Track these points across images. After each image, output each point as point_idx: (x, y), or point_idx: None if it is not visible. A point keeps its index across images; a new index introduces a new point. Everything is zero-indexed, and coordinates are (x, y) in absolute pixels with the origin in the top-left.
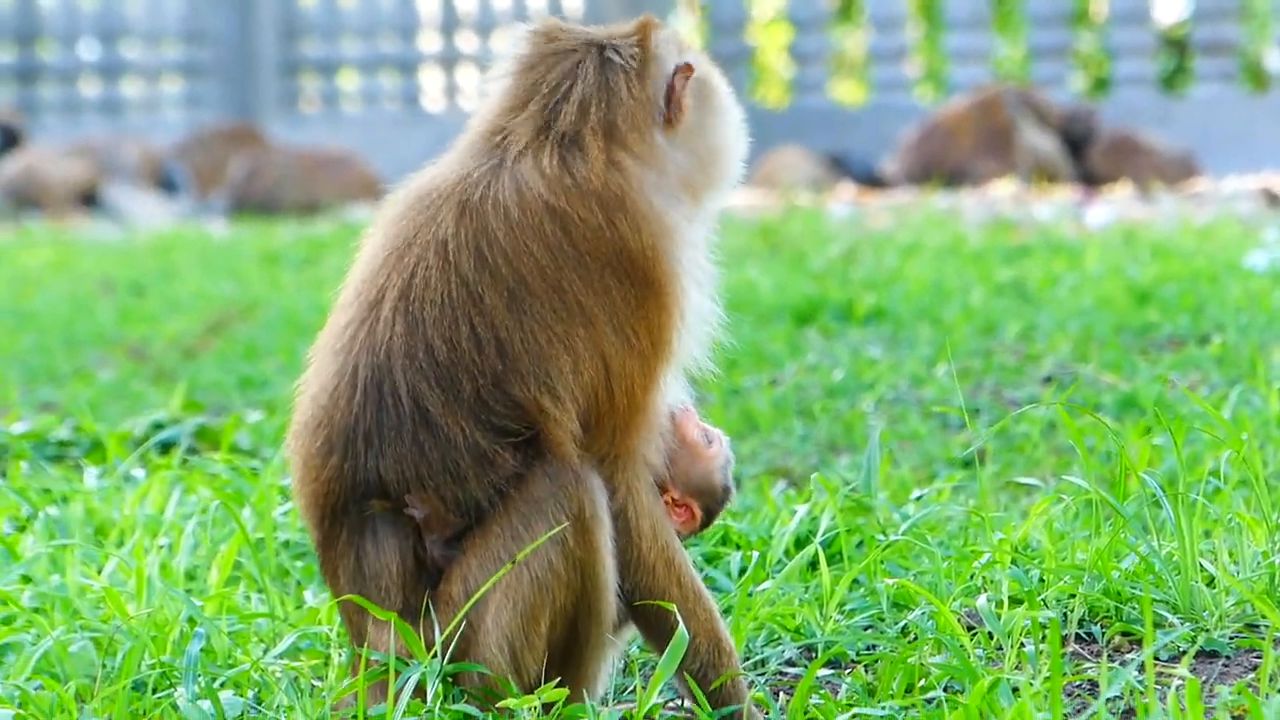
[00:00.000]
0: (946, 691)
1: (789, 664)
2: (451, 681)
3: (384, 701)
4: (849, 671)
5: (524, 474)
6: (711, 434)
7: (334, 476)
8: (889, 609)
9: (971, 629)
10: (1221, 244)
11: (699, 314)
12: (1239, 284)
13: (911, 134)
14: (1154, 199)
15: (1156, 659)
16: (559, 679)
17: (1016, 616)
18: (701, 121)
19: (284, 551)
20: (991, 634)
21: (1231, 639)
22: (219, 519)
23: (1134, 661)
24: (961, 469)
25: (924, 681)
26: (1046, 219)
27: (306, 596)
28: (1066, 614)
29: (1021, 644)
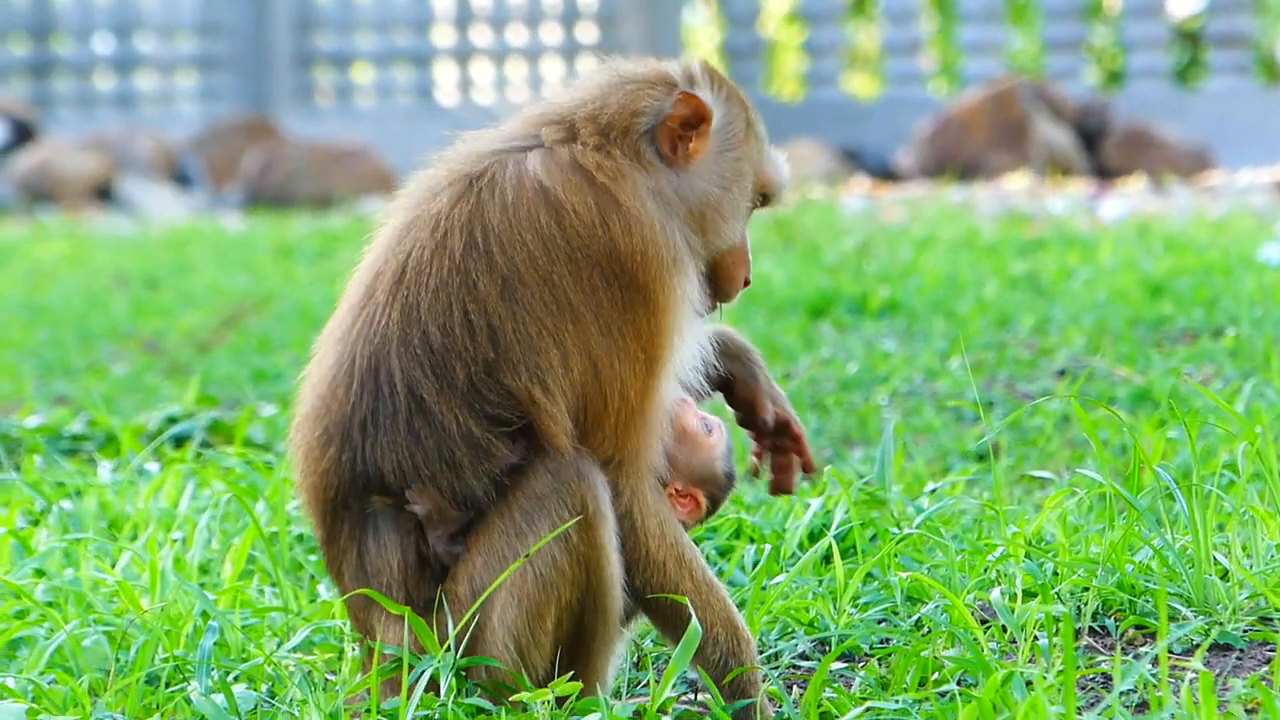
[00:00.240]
0: (960, 685)
1: (802, 657)
2: (465, 676)
3: (395, 696)
4: (862, 665)
5: (525, 469)
6: (710, 423)
7: (332, 468)
8: (903, 602)
9: (985, 622)
10: (1236, 237)
11: (696, 340)
12: (1253, 277)
13: (925, 127)
14: (1168, 192)
15: (1170, 652)
16: (570, 674)
17: (1030, 610)
18: (718, 167)
19: (298, 545)
20: (1005, 627)
21: (1245, 632)
22: (232, 513)
23: (1148, 655)
24: (975, 462)
25: (937, 675)
26: (1060, 212)
27: (320, 590)
28: (1080, 607)
29: (1035, 637)
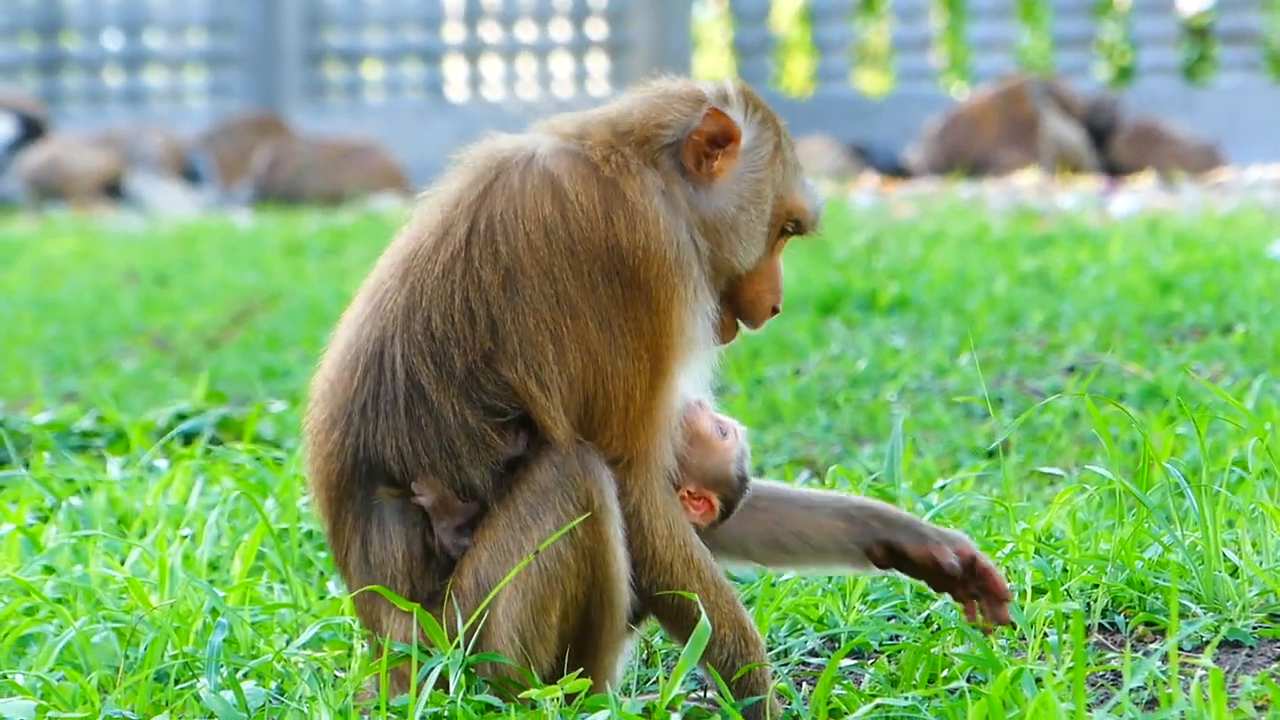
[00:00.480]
0: (969, 682)
1: (812, 654)
2: (473, 672)
3: (404, 693)
4: (872, 662)
5: (529, 462)
6: (726, 426)
7: (335, 452)
8: (912, 599)
9: None
10: (1245, 233)
11: (703, 349)
12: (1262, 273)
13: (935, 124)
14: (1177, 188)
15: (1180, 649)
16: (579, 670)
17: (1040, 607)
18: (738, 187)
19: (307, 542)
20: (1015, 624)
21: (1255, 629)
22: (242, 509)
23: (1157, 651)
24: (985, 459)
25: (947, 672)
26: (1070, 208)
27: (329, 587)
28: (1090, 604)
29: (1045, 634)
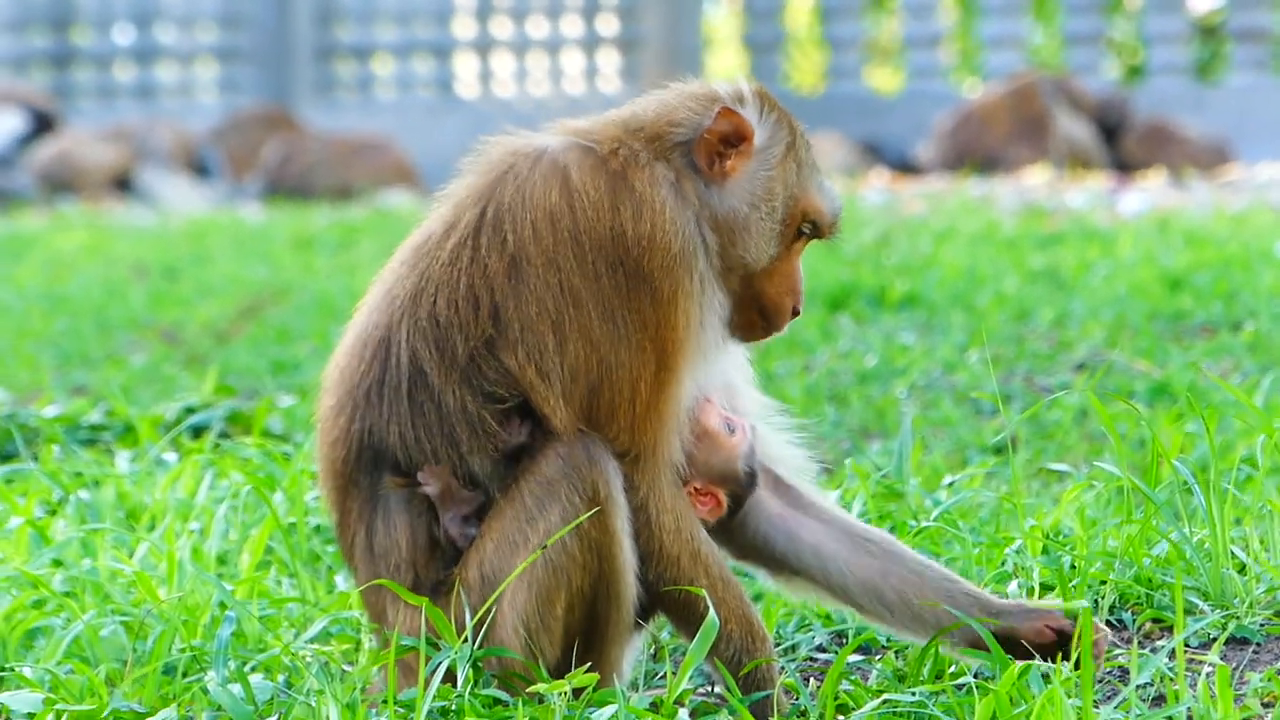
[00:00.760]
0: (977, 678)
1: (819, 650)
2: (481, 666)
3: (412, 686)
4: (879, 657)
5: (535, 453)
6: (734, 423)
7: (341, 438)
8: None
9: None
10: (1255, 231)
11: (711, 344)
12: (1272, 271)
13: (946, 121)
14: (1188, 186)
15: (1187, 645)
16: (582, 663)
17: (1048, 603)
18: (750, 186)
19: (315, 536)
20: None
21: (1262, 626)
22: (250, 503)
23: (1164, 648)
24: (993, 455)
25: (954, 668)
26: (1080, 206)
27: (337, 581)
28: (1097, 600)
29: None
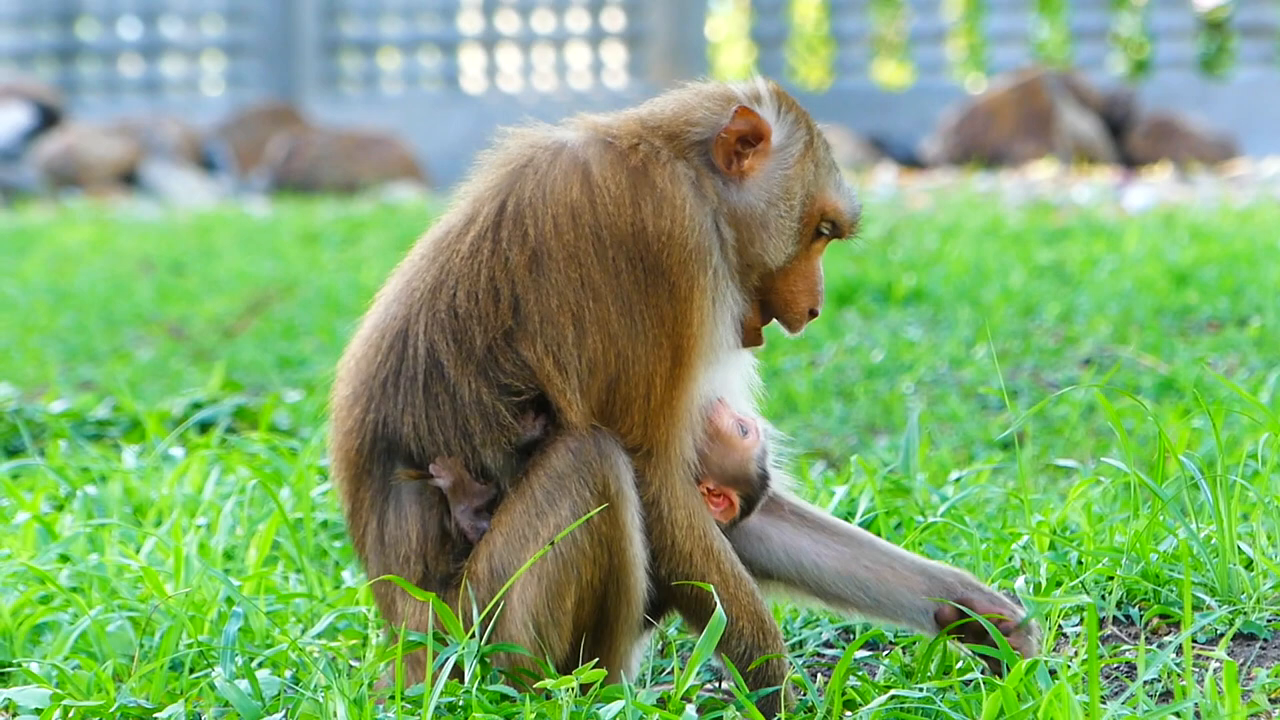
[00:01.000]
0: (984, 673)
1: (827, 645)
2: (489, 663)
3: (419, 677)
4: (886, 653)
5: (546, 446)
6: (747, 424)
7: (355, 428)
8: None
9: None
10: (1261, 226)
11: (727, 343)
12: (1278, 267)
13: (952, 116)
14: (1193, 181)
15: (1194, 641)
16: (591, 658)
17: (1054, 599)
18: (767, 184)
19: (322, 532)
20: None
21: (1269, 621)
22: (257, 499)
23: (1171, 644)
24: (1000, 451)
25: (961, 664)
26: (1086, 201)
27: (344, 577)
28: (1104, 596)
29: (1059, 626)
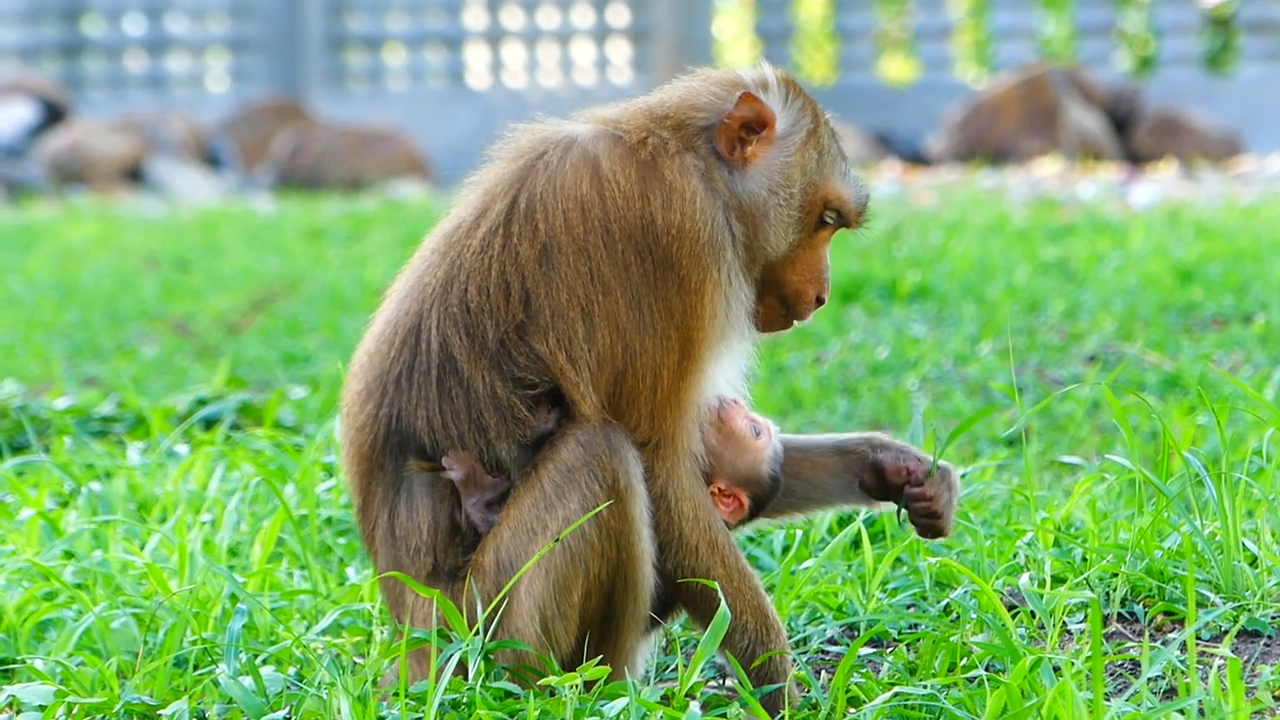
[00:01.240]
0: (988, 670)
1: (831, 642)
2: (493, 659)
3: (424, 677)
4: (891, 650)
5: (555, 440)
6: (760, 425)
7: (368, 423)
8: (931, 588)
9: (1013, 608)
10: (1266, 223)
11: (736, 336)
12: None
13: (957, 112)
14: (1198, 178)
15: (1198, 638)
16: (598, 653)
17: (1059, 596)
18: (768, 172)
19: (327, 528)
20: (1034, 613)
21: (1274, 618)
22: (262, 495)
23: (1176, 641)
24: (1005, 447)
25: (966, 660)
26: (1091, 198)
27: (349, 573)
28: (1109, 593)
29: (1064, 623)
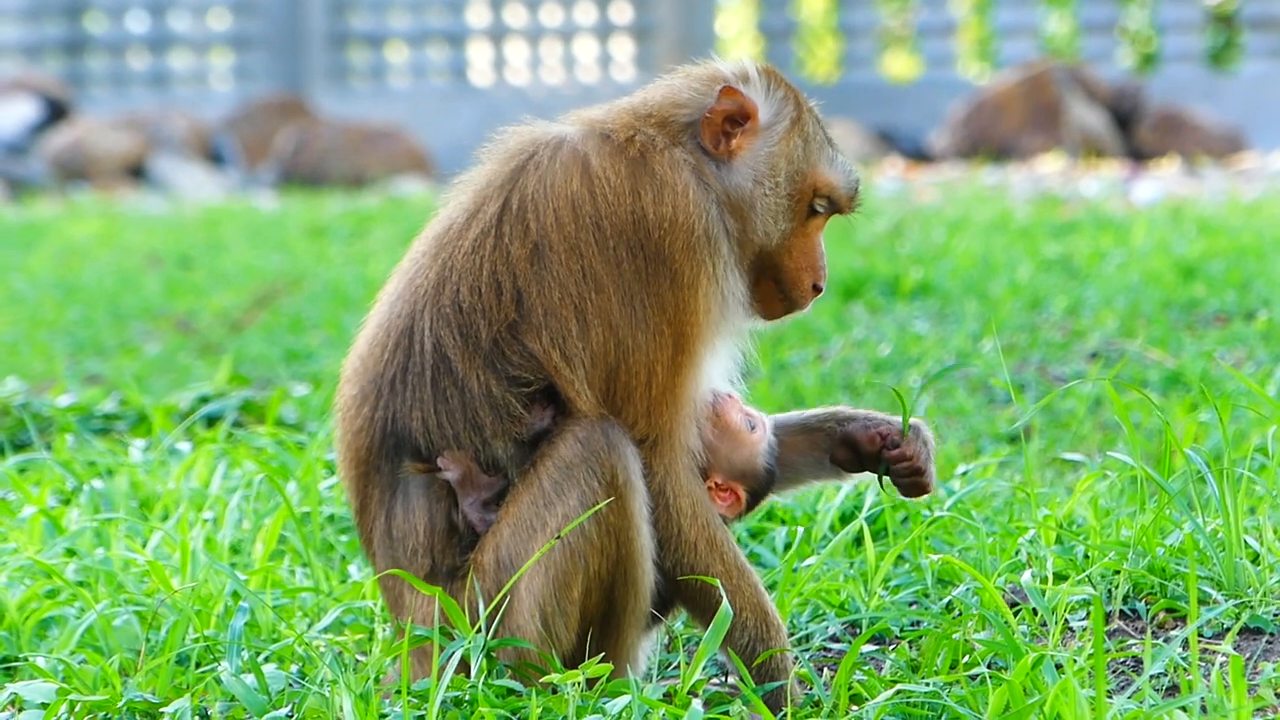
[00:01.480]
0: (990, 668)
1: (833, 640)
2: (495, 657)
3: (426, 675)
4: (893, 647)
5: (554, 437)
6: (755, 419)
7: (365, 427)
8: (933, 585)
9: (1016, 605)
10: (1269, 220)
11: (731, 330)
12: None
13: (960, 109)
14: (1201, 174)
15: (1200, 635)
16: (599, 650)
17: (1061, 593)
18: (753, 162)
19: (329, 526)
20: (1036, 610)
21: (1275, 615)
22: (264, 493)
23: (1178, 638)
24: (1007, 444)
25: (968, 658)
26: (1094, 195)
27: (351, 571)
28: (1111, 590)
29: (1066, 620)
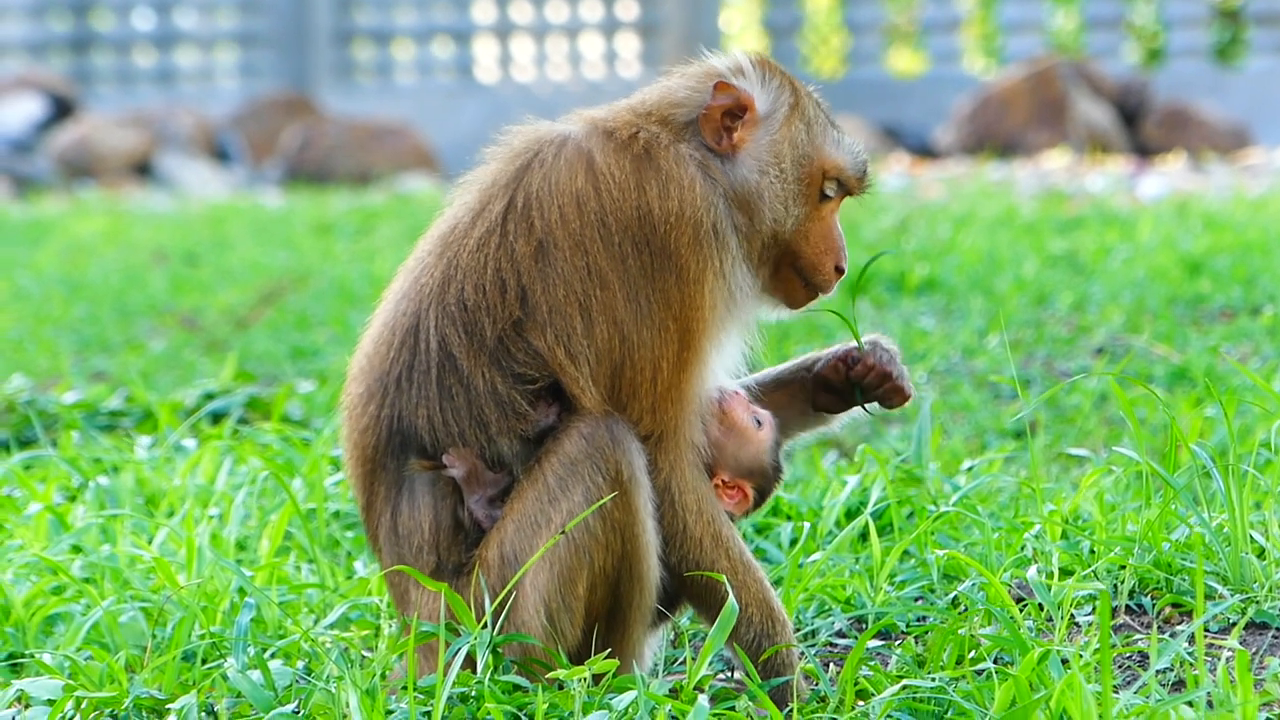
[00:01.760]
0: (996, 663)
1: (839, 635)
2: (501, 653)
3: (432, 671)
4: (899, 643)
5: (558, 433)
6: (761, 416)
7: (371, 425)
8: (939, 580)
9: (1021, 600)
10: (1274, 215)
11: (738, 327)
12: None
13: (965, 105)
14: (1207, 170)
15: (1206, 630)
16: (605, 646)
17: (1067, 588)
18: (757, 153)
19: (335, 522)
20: (1042, 605)
21: None
22: (270, 489)
23: (1184, 633)
24: (1013, 440)
25: (974, 653)
26: (1099, 190)
27: (357, 567)
28: (1117, 585)
29: (1072, 615)
